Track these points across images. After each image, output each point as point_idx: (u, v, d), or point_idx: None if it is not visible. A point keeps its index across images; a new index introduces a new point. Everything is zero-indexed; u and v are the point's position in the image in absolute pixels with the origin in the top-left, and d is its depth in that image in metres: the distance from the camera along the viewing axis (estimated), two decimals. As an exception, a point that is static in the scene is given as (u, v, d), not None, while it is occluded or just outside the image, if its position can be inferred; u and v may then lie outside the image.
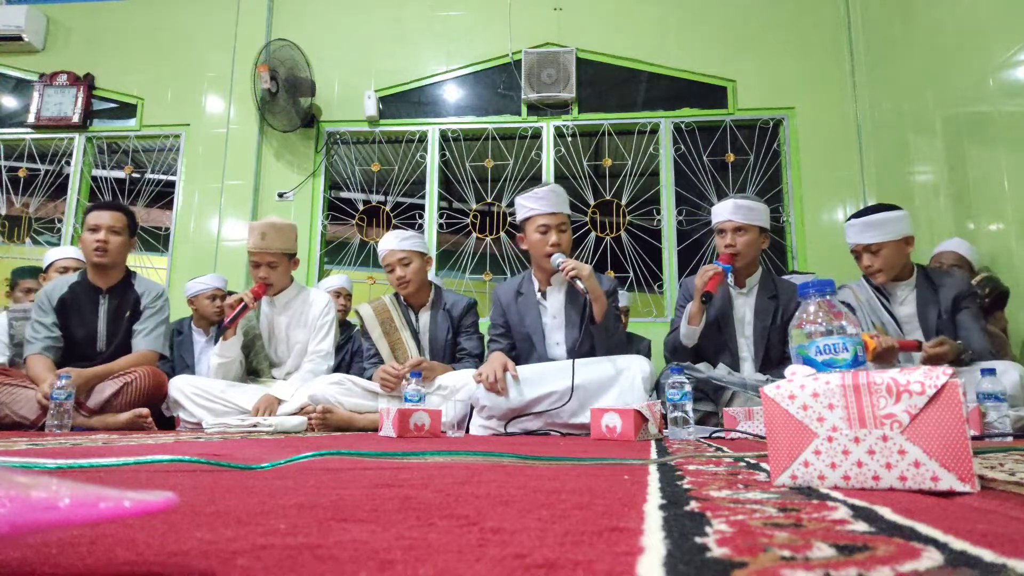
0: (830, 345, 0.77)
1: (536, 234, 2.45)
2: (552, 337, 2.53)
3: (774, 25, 4.38)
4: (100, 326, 2.65)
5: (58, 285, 2.69)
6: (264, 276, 2.68)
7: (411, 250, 2.72)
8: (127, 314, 2.69)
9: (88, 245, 2.61)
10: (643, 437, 1.80)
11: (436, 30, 4.63)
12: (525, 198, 2.50)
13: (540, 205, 2.45)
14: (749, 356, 2.55)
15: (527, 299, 2.57)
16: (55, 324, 2.60)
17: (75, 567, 0.34)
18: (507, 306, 2.59)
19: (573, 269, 2.29)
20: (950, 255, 2.91)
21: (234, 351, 2.66)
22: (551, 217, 2.43)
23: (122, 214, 2.68)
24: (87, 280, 2.69)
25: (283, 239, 2.71)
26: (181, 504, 0.54)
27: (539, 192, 2.47)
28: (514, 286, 2.61)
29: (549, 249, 2.41)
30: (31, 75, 4.80)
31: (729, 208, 2.51)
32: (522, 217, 2.52)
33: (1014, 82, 2.79)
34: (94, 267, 2.66)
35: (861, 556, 0.35)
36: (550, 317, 2.54)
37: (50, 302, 2.63)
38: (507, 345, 2.57)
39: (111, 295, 2.68)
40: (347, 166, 4.66)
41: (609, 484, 0.71)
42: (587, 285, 2.28)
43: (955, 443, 0.63)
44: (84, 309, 2.64)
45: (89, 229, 2.62)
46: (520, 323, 2.55)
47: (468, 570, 0.33)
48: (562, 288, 2.53)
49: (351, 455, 1.06)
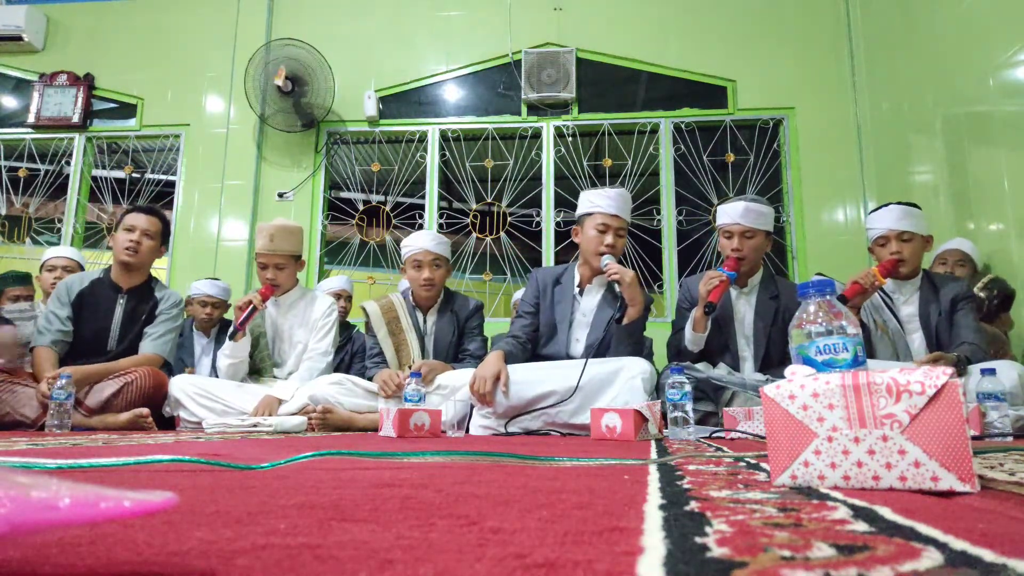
0: (830, 345, 0.77)
1: (593, 231, 2.45)
2: (575, 333, 2.53)
3: (774, 25, 4.38)
4: (114, 324, 2.67)
5: (79, 279, 2.72)
6: (272, 277, 2.70)
7: (444, 255, 2.73)
8: (143, 317, 2.71)
9: (120, 243, 2.64)
10: (643, 437, 1.80)
11: (436, 30, 4.63)
12: (592, 194, 2.50)
13: (605, 204, 2.45)
14: (749, 356, 2.55)
15: (564, 289, 2.58)
16: (69, 318, 2.62)
17: (75, 567, 0.34)
18: (543, 289, 2.60)
19: (616, 272, 2.31)
20: (955, 252, 2.93)
21: (244, 352, 2.68)
22: (613, 219, 2.44)
23: (158, 220, 2.73)
24: (109, 278, 2.72)
25: (291, 241, 2.74)
26: (181, 504, 0.54)
27: (608, 192, 2.47)
28: (555, 273, 2.62)
29: (603, 249, 2.42)
30: (31, 75, 4.80)
31: (739, 211, 2.49)
32: (583, 211, 2.52)
33: (1014, 82, 2.79)
34: (121, 265, 2.68)
35: (861, 556, 0.35)
36: (580, 314, 2.54)
37: (69, 295, 2.65)
38: (531, 326, 2.56)
39: (130, 296, 2.71)
40: (347, 166, 4.66)
41: (609, 484, 0.71)
42: (626, 292, 2.29)
43: (955, 443, 0.63)
44: (101, 306, 2.66)
45: (125, 229, 2.65)
46: (550, 310, 2.56)
47: (468, 570, 0.33)
48: (600, 290, 2.54)
49: (351, 455, 1.06)
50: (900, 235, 2.47)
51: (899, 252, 2.47)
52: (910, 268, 2.50)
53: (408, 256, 2.74)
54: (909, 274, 2.53)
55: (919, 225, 2.49)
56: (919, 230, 2.49)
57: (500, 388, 2.28)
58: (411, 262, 2.73)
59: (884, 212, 2.55)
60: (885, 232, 2.50)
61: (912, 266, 2.50)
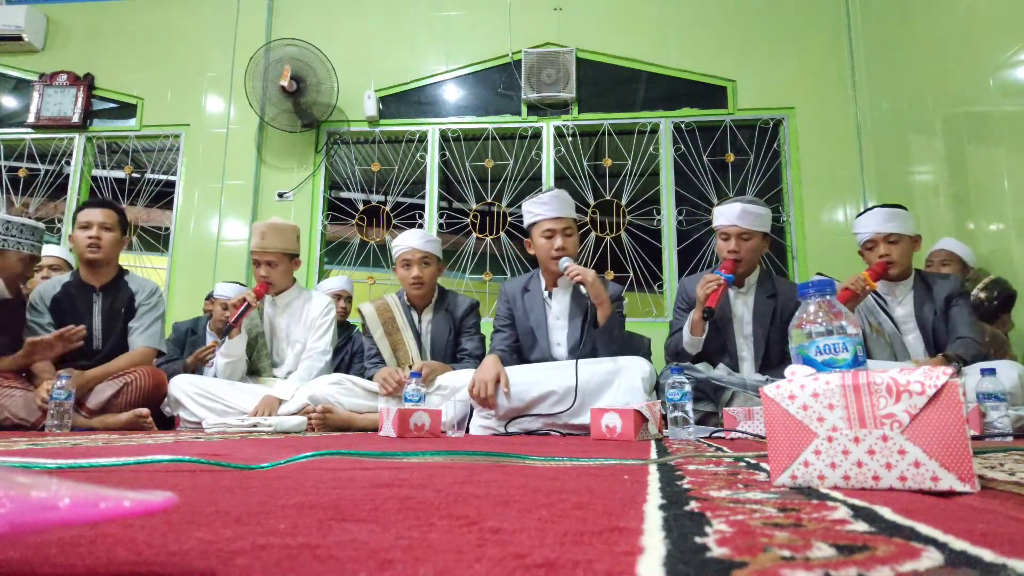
0: (830, 345, 0.77)
1: (542, 239, 2.47)
2: (554, 336, 2.55)
3: (774, 25, 4.38)
4: (96, 325, 2.64)
5: (50, 285, 2.68)
6: (264, 275, 2.71)
7: (433, 253, 2.74)
8: (122, 312, 2.68)
9: (81, 242, 2.60)
10: (643, 437, 1.80)
11: (436, 30, 4.63)
12: (530, 203, 2.52)
13: (544, 210, 2.46)
14: (748, 356, 2.55)
15: (533, 296, 2.60)
16: (51, 324, 2.59)
17: (75, 567, 0.34)
18: (513, 299, 2.62)
19: (578, 274, 2.31)
20: (939, 252, 2.96)
21: (239, 350, 2.69)
22: (556, 222, 2.45)
23: (113, 211, 2.67)
24: (79, 279, 2.68)
25: (282, 239, 2.74)
26: (181, 504, 0.54)
27: (543, 197, 2.49)
28: (522, 283, 2.65)
29: (555, 253, 2.43)
30: (31, 75, 4.79)
31: (736, 213, 2.48)
32: (528, 222, 2.54)
33: (1014, 82, 2.79)
34: (87, 264, 2.64)
35: (861, 556, 0.35)
36: (554, 317, 2.56)
37: (44, 302, 2.62)
38: (511, 338, 2.58)
39: (105, 293, 2.67)
40: (347, 166, 4.66)
41: (609, 484, 0.71)
42: (591, 291, 2.29)
43: (955, 443, 0.63)
44: (79, 308, 2.63)
45: (81, 227, 2.61)
46: (525, 318, 2.58)
47: (468, 570, 0.33)
48: (567, 290, 2.55)
49: (351, 455, 1.06)
50: (887, 237, 2.48)
51: (888, 254, 2.47)
52: (900, 269, 2.50)
53: (398, 255, 2.76)
54: (901, 275, 2.53)
55: (906, 226, 2.49)
56: (906, 231, 2.49)
57: (501, 390, 2.28)
58: (400, 261, 2.75)
59: (869, 216, 2.55)
60: (872, 235, 2.51)
61: (902, 267, 2.50)
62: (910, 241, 2.50)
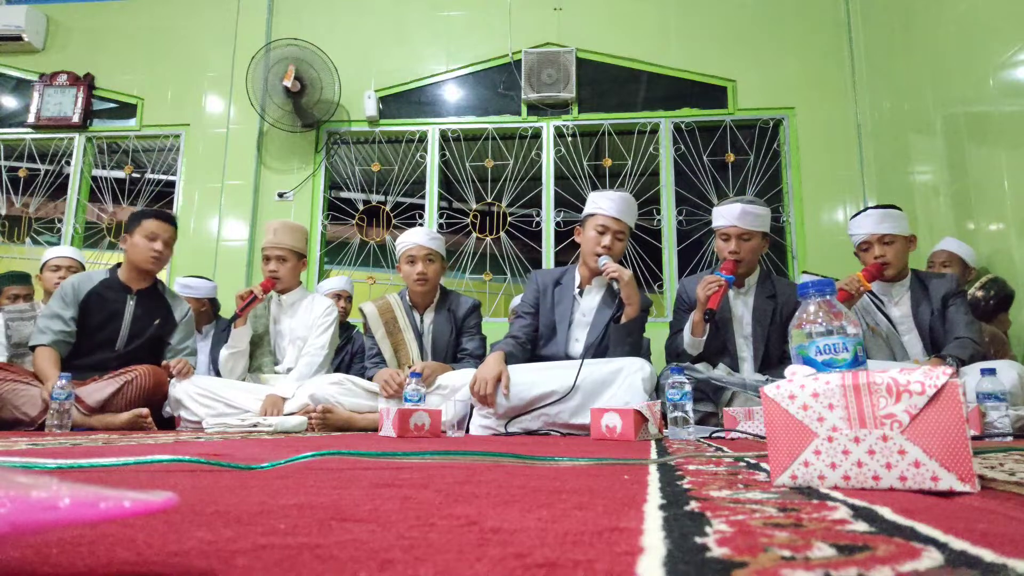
0: (830, 345, 0.77)
1: (593, 231, 2.48)
2: (575, 333, 2.55)
3: (774, 25, 4.38)
4: (124, 325, 2.68)
5: (86, 279, 2.72)
6: (273, 270, 2.78)
7: (438, 250, 2.76)
8: (155, 320, 2.74)
9: (144, 251, 2.65)
10: (643, 437, 1.80)
11: (436, 30, 4.63)
12: (597, 195, 2.53)
13: (607, 205, 2.47)
14: (748, 356, 2.55)
15: (564, 290, 2.60)
16: (73, 318, 2.62)
17: (75, 567, 0.34)
18: (543, 290, 2.62)
19: (615, 271, 2.33)
20: (940, 253, 2.96)
21: (244, 342, 2.74)
22: (613, 221, 2.46)
23: (175, 228, 2.78)
24: (118, 279, 2.73)
25: (293, 237, 2.84)
26: (181, 504, 0.54)
27: (610, 194, 2.50)
28: (555, 275, 2.65)
29: (599, 250, 2.44)
30: (31, 75, 4.80)
31: (736, 213, 2.48)
32: (586, 212, 2.55)
33: (1014, 82, 2.79)
34: (138, 270, 2.70)
35: (861, 556, 0.35)
36: (580, 314, 2.56)
37: (76, 295, 2.64)
38: (531, 327, 2.58)
39: (140, 297, 2.73)
40: (347, 166, 4.66)
41: (609, 484, 0.71)
42: (624, 289, 2.31)
43: (955, 443, 0.63)
44: (111, 307, 2.67)
45: (147, 236, 2.66)
46: (550, 310, 2.58)
47: (468, 570, 0.33)
48: (600, 291, 2.56)
49: (351, 455, 1.06)
50: (881, 238, 2.48)
51: (883, 255, 2.47)
52: (895, 270, 2.50)
53: (402, 252, 2.76)
54: (896, 275, 2.53)
55: (900, 226, 2.49)
56: (900, 231, 2.49)
57: (501, 389, 2.28)
58: (405, 258, 2.75)
59: (863, 217, 2.55)
60: (866, 237, 2.51)
61: (897, 267, 2.50)
62: (905, 241, 2.51)
